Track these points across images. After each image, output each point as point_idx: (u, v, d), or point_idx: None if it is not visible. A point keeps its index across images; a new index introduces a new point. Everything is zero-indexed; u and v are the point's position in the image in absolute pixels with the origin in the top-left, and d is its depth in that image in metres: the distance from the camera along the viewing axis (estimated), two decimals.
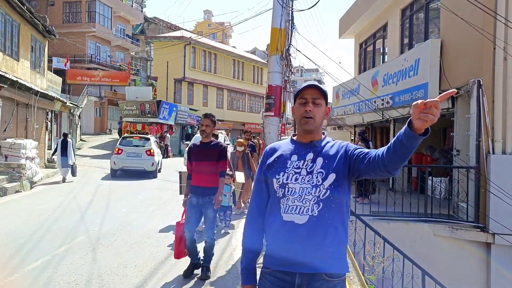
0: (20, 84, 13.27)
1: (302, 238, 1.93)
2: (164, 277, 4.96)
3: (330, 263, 1.95)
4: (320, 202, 1.96)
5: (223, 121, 36.25)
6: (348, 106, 13.93)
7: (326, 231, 1.95)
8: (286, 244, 1.95)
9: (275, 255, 1.99)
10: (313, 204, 1.96)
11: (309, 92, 2.08)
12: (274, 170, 2.05)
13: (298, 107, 2.09)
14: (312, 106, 2.06)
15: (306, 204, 1.97)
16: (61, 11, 33.60)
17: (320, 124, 2.10)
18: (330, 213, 1.96)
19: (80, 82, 30.84)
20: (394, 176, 1.96)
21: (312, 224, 1.94)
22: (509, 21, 7.09)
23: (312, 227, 1.94)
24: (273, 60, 6.41)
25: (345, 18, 16.31)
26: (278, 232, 1.98)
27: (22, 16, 14.90)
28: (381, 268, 5.81)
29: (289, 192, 1.99)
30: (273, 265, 2.01)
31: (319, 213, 1.95)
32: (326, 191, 1.97)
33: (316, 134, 2.09)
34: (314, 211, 1.95)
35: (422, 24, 10.73)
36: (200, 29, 60.88)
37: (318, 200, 1.96)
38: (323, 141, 2.11)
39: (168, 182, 13.53)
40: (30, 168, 12.27)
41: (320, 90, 2.08)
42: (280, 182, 2.01)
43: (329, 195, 1.97)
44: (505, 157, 7.37)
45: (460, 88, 8.08)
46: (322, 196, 1.97)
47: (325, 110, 2.11)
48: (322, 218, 1.95)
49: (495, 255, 7.28)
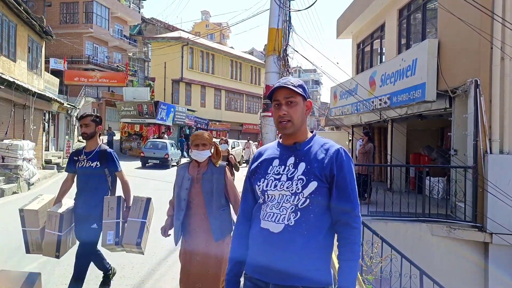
0: (17, 85, 13.23)
1: (275, 248, 1.82)
2: (162, 278, 4.94)
3: (306, 275, 1.80)
4: (298, 211, 1.83)
5: (221, 121, 36.27)
6: (346, 106, 13.94)
7: (303, 242, 1.80)
8: (260, 252, 1.87)
9: (251, 261, 1.92)
10: (290, 212, 1.84)
11: (281, 93, 1.92)
12: (256, 177, 1.97)
13: (274, 111, 1.96)
14: (286, 108, 1.90)
15: (283, 212, 1.85)
16: (58, 12, 33.52)
17: (301, 124, 1.94)
18: (308, 223, 1.82)
19: (78, 83, 30.77)
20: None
21: (287, 234, 1.81)
22: (506, 21, 7.10)
23: (286, 237, 1.81)
24: (270, 60, 6.41)
25: (342, 18, 16.32)
26: (255, 238, 1.91)
27: (19, 16, 14.85)
28: (379, 268, 5.81)
29: (269, 199, 1.90)
30: (250, 271, 1.94)
31: (296, 223, 1.82)
32: (306, 200, 1.83)
33: (300, 135, 1.95)
34: (291, 220, 1.82)
35: (420, 24, 10.75)
36: (198, 29, 60.84)
37: (296, 209, 1.83)
38: (309, 143, 1.94)
39: (167, 183, 13.49)
40: (27, 169, 12.23)
41: (291, 89, 1.90)
42: (261, 189, 1.92)
43: (308, 204, 1.83)
44: (502, 156, 7.38)
45: (457, 88, 8.09)
46: (301, 205, 1.84)
47: (304, 107, 1.94)
48: (298, 228, 1.81)
49: (493, 254, 7.28)
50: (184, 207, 3.26)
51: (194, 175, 3.34)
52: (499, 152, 7.41)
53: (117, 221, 3.84)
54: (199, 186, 3.30)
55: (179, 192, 3.33)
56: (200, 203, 3.27)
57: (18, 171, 11.70)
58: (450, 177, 8.65)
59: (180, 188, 3.33)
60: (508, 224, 7.00)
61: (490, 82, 7.40)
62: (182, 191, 3.31)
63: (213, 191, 3.28)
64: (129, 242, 3.83)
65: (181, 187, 3.33)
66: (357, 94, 11.57)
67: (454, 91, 8.19)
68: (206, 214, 3.25)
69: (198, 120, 32.74)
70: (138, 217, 3.89)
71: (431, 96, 8.43)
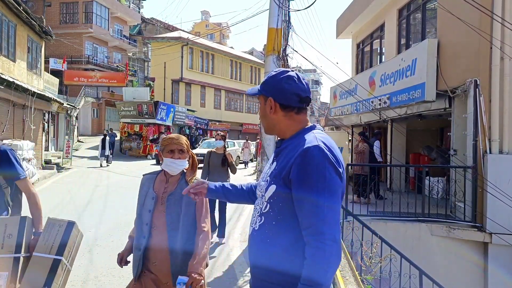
0: (16, 85, 13.23)
1: (249, 247, 1.74)
2: None
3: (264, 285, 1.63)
4: (262, 216, 1.65)
5: (221, 121, 36.26)
6: (346, 106, 13.94)
7: (264, 250, 1.62)
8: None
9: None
10: (257, 216, 1.68)
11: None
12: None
13: None
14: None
15: (254, 214, 1.72)
16: (58, 12, 33.55)
17: (273, 125, 1.71)
18: (272, 231, 1.59)
19: (77, 83, 30.80)
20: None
21: (252, 238, 1.69)
22: (506, 21, 7.09)
23: (252, 242, 1.69)
24: (270, 60, 6.40)
25: (342, 18, 16.32)
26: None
27: (19, 17, 14.85)
28: (378, 268, 5.81)
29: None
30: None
31: (259, 228, 1.64)
32: (266, 205, 1.63)
33: (285, 133, 1.70)
34: (256, 224, 1.67)
35: (419, 24, 10.75)
36: (198, 29, 60.88)
37: (261, 213, 1.66)
38: (291, 140, 1.67)
39: None
40: (27, 170, 12.20)
41: (249, 94, 1.80)
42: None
43: (269, 209, 1.62)
44: (502, 156, 7.38)
45: (457, 88, 8.09)
46: (264, 210, 1.64)
47: (265, 105, 1.70)
48: (261, 235, 1.63)
49: (492, 254, 7.28)
50: (147, 234, 2.47)
51: (160, 192, 2.54)
52: (499, 152, 7.41)
53: (15, 256, 2.51)
54: (163, 208, 2.49)
55: (141, 213, 2.55)
56: (162, 231, 2.47)
57: None
58: (449, 177, 8.65)
59: (143, 208, 2.55)
60: (507, 224, 7.00)
61: (489, 82, 7.40)
62: (144, 212, 2.52)
63: (179, 219, 2.47)
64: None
65: (143, 206, 2.55)
66: (356, 94, 11.57)
67: (454, 91, 8.19)
68: (167, 247, 2.45)
69: (198, 120, 32.75)
70: (49, 252, 2.57)
71: (430, 96, 8.43)
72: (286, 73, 1.68)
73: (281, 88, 1.66)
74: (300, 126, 1.68)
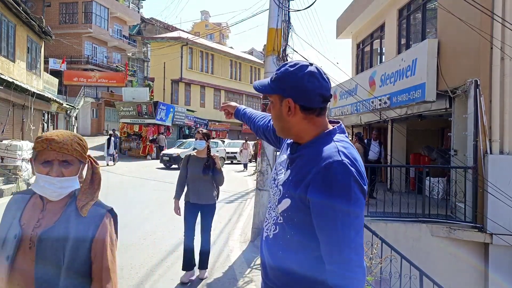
0: (16, 85, 13.21)
1: (265, 250, 1.58)
2: (160, 279, 4.92)
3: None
4: (277, 225, 1.51)
5: (221, 122, 36.26)
6: (346, 106, 13.92)
7: (277, 262, 1.49)
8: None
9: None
10: (272, 224, 1.54)
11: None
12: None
13: None
14: (271, 110, 1.56)
15: (269, 221, 1.56)
16: (57, 12, 33.54)
17: (290, 126, 1.48)
18: (286, 244, 1.47)
19: (77, 83, 30.81)
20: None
21: (267, 245, 1.55)
22: (506, 21, 7.08)
23: (266, 248, 1.56)
24: (269, 60, 6.38)
25: (342, 18, 16.31)
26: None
27: (18, 17, 14.84)
28: (378, 268, 5.79)
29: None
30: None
31: (274, 237, 1.51)
32: (279, 218, 1.49)
33: (301, 138, 1.49)
34: (270, 232, 1.53)
35: (419, 24, 10.73)
36: (197, 29, 60.88)
37: (276, 222, 1.51)
38: (309, 148, 1.45)
39: (165, 183, 13.47)
40: (26, 170, 12.20)
41: (258, 90, 1.59)
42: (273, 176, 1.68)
43: (282, 223, 1.47)
44: (502, 157, 7.36)
45: (457, 88, 8.08)
46: (278, 221, 1.50)
47: (281, 107, 1.48)
48: (275, 246, 1.50)
49: (493, 255, 7.27)
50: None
51: (29, 227, 1.49)
52: (499, 152, 7.39)
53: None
54: (31, 256, 1.46)
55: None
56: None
57: (17, 172, 11.68)
58: (450, 177, 8.63)
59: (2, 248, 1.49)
60: (508, 225, 6.98)
61: (490, 82, 7.38)
62: (4, 251, 1.48)
63: (59, 276, 1.45)
64: None
65: (3, 244, 1.49)
66: (356, 94, 11.55)
67: (454, 91, 8.17)
68: None
69: (198, 120, 32.74)
70: None
71: (431, 96, 8.42)
72: (307, 69, 1.43)
73: (303, 88, 1.42)
74: (320, 130, 1.47)
